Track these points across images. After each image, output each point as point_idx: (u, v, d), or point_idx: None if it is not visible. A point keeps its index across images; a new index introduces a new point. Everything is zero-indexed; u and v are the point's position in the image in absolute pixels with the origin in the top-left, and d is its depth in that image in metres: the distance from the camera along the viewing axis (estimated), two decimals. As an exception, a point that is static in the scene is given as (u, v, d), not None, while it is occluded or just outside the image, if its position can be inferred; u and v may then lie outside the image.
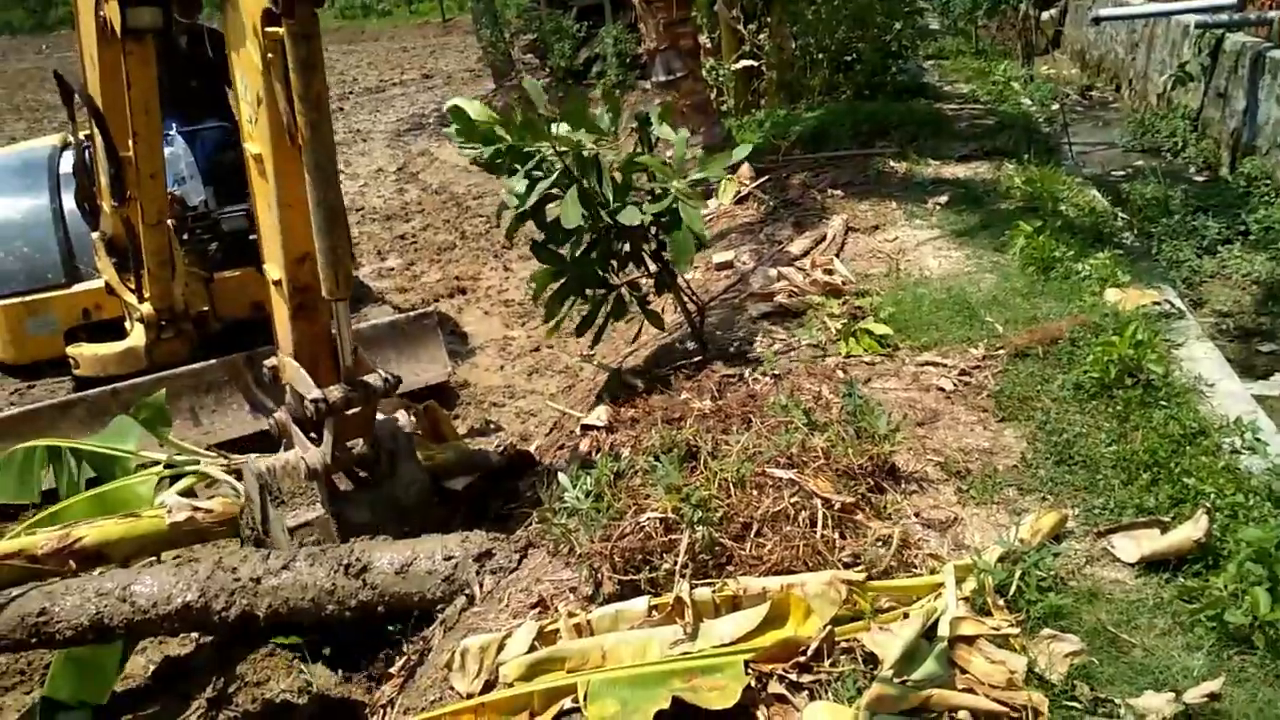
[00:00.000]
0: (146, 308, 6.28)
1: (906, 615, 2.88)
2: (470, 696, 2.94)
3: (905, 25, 11.36)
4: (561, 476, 3.78)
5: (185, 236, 6.44)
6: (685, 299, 4.86)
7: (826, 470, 3.46)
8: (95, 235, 6.55)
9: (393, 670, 3.77)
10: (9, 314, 6.81)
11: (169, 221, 6.01)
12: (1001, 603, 2.91)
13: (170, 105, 7.49)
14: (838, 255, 6.18)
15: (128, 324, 6.65)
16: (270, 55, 3.44)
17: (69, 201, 6.98)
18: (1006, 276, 5.48)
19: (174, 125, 7.24)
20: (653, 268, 4.76)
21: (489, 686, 2.95)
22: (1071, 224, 6.26)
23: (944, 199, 7.10)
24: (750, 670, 2.73)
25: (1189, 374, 4.21)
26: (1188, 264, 6.23)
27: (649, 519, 3.28)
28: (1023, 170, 7.45)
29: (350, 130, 17.42)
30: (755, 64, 10.97)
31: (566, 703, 2.77)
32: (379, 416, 4.30)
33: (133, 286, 6.30)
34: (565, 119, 4.39)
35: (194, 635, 4.60)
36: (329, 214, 3.65)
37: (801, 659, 2.76)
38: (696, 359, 4.80)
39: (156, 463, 4.91)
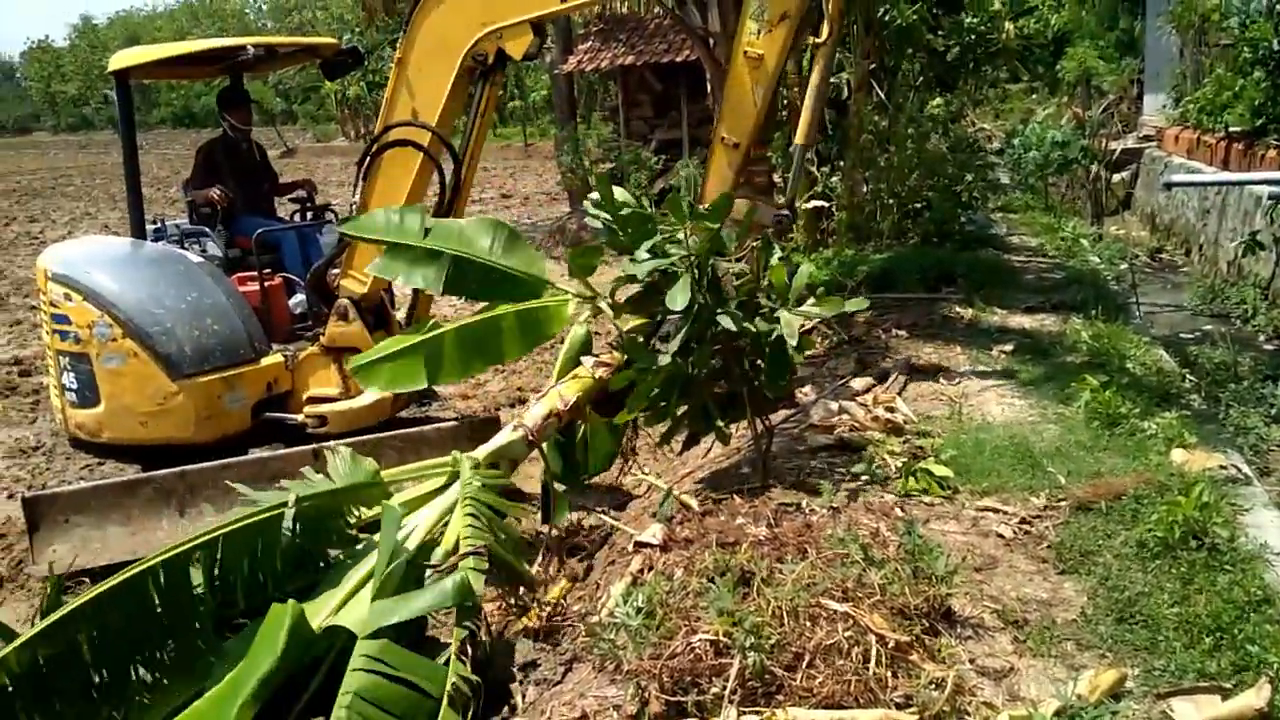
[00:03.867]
0: None
1: (958, 762, 2.82)
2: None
3: (976, 177, 11.61)
4: (613, 591, 3.78)
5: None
6: (759, 423, 4.91)
7: (882, 607, 3.43)
8: (345, 301, 6.96)
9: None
10: (209, 389, 6.70)
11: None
12: (1057, 758, 2.85)
13: (252, 204, 8.04)
14: (900, 394, 6.22)
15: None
16: None
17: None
18: (1070, 429, 5.45)
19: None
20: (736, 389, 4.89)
21: (528, 797, 2.94)
22: (1138, 382, 6.23)
23: (1009, 348, 7.13)
24: (795, 804, 2.68)
25: (1255, 541, 4.13)
26: (1255, 431, 6.14)
27: (700, 640, 3.26)
28: (1089, 325, 7.46)
29: (427, 241, 17.96)
30: (825, 204, 11.23)
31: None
32: None
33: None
34: (698, 217, 4.64)
35: None
36: (824, 83, 5.70)
37: (848, 797, 2.71)
38: (754, 485, 4.82)
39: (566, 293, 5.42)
